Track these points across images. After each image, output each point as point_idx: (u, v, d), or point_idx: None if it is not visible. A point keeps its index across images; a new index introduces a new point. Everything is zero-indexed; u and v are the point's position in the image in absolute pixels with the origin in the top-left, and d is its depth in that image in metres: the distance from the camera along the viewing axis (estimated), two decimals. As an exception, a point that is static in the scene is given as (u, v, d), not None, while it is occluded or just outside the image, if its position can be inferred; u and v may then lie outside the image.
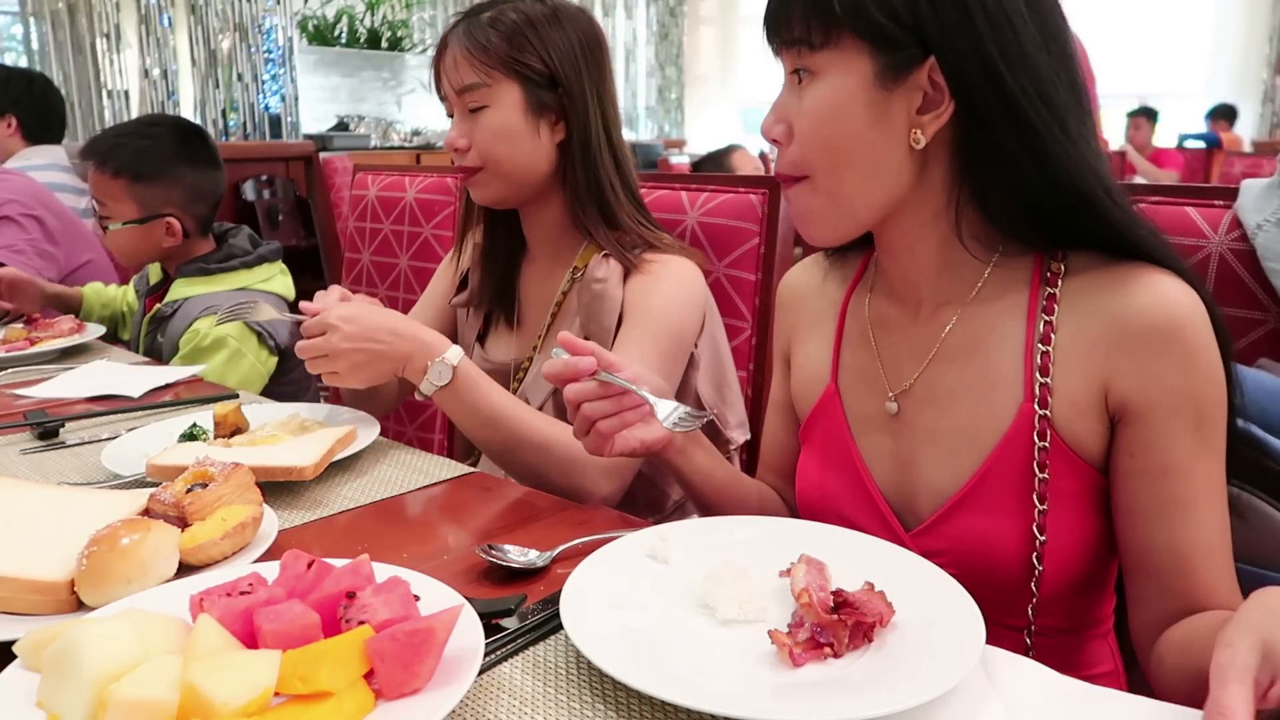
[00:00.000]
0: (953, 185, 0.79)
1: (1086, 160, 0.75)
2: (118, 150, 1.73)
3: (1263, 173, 2.36)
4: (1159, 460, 0.75)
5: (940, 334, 0.84)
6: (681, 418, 0.87)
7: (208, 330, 1.66)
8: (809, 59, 0.78)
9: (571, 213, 1.26)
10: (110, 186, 1.73)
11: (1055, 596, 0.81)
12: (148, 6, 5.32)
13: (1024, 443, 0.78)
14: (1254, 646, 0.52)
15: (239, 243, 1.85)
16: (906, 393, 0.86)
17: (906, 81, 0.75)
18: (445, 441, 1.87)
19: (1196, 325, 0.74)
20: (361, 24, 6.49)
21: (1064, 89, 0.75)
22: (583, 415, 0.88)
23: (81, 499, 0.84)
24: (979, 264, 0.82)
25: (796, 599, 0.67)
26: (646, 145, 6.63)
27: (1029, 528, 0.78)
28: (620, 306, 1.23)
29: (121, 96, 5.32)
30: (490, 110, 1.22)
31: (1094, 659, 0.87)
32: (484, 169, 1.24)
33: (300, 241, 4.35)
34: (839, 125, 0.78)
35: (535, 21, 1.22)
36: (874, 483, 0.88)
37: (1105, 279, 0.77)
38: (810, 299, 0.99)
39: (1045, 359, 0.78)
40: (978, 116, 0.75)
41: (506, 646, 0.66)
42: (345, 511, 0.95)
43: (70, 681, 0.54)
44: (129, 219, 1.74)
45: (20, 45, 5.22)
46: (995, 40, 0.73)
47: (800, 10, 0.78)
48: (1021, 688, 0.60)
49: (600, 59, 1.26)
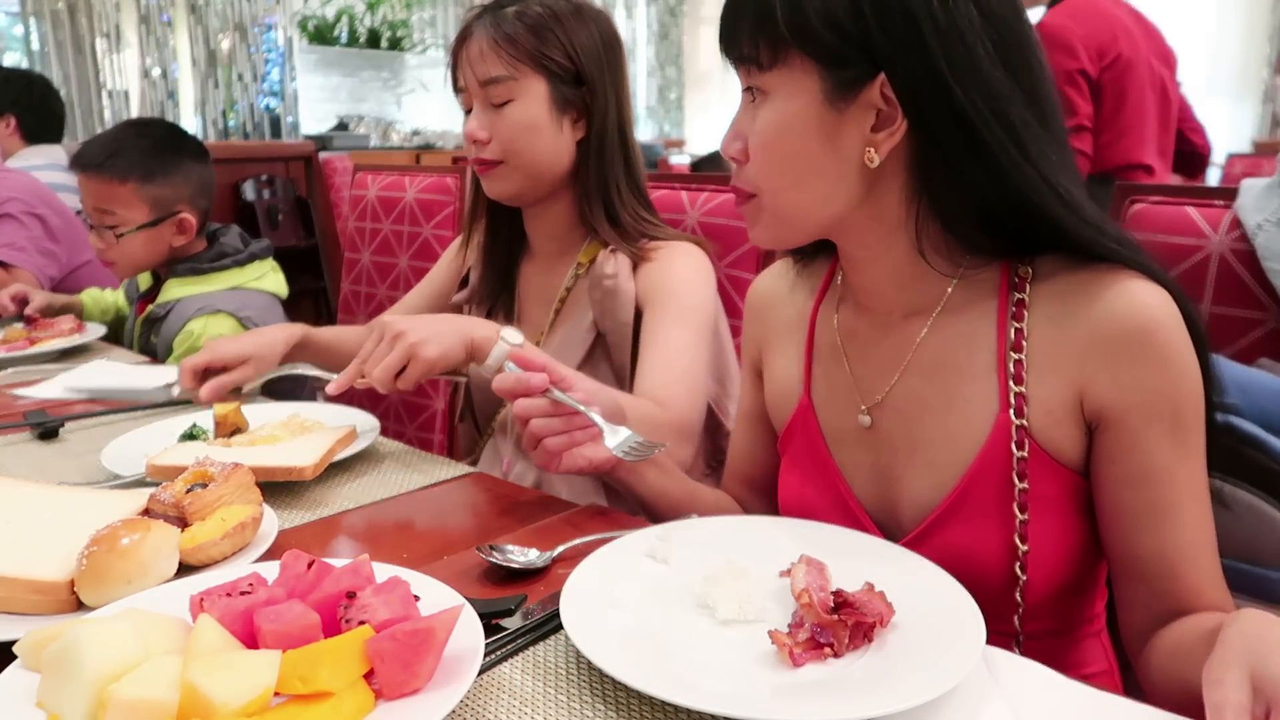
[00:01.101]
0: (910, 200, 0.78)
1: (1045, 176, 0.73)
2: (121, 154, 1.68)
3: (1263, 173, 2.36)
4: (1139, 466, 0.74)
5: (911, 346, 0.83)
6: (633, 447, 0.88)
7: (202, 331, 1.66)
8: (759, 78, 0.77)
9: (579, 210, 1.27)
10: (118, 192, 1.67)
11: (1043, 601, 0.80)
12: (148, 6, 5.32)
13: (1003, 453, 0.78)
14: (1242, 681, 0.52)
15: (230, 241, 1.83)
16: (879, 405, 0.85)
17: (858, 100, 0.74)
18: (445, 441, 1.87)
19: (1169, 327, 0.73)
20: (361, 24, 6.48)
21: (1020, 104, 0.73)
22: (531, 431, 0.89)
23: (81, 499, 0.84)
24: (944, 275, 0.81)
25: (796, 599, 0.67)
26: (646, 145, 6.62)
27: (1012, 537, 0.78)
28: (635, 300, 1.23)
29: (121, 96, 5.32)
30: (516, 104, 1.21)
31: (1087, 659, 0.87)
32: (505, 163, 1.24)
33: (300, 241, 4.35)
34: (790, 147, 0.77)
35: (561, 16, 1.21)
36: (854, 496, 0.87)
37: (1074, 284, 0.76)
38: (779, 309, 0.97)
39: (1018, 367, 0.77)
40: (930, 133, 0.74)
41: (506, 646, 0.66)
42: (345, 511, 0.95)
43: (70, 681, 0.54)
44: (142, 223, 1.70)
45: (20, 45, 5.22)
46: (946, 56, 0.71)
47: (748, 29, 0.77)
48: (1027, 691, 0.60)
49: (619, 58, 1.27)
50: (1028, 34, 0.76)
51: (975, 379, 0.79)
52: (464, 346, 1.03)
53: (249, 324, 1.69)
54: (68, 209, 2.44)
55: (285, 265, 1.93)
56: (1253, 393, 0.86)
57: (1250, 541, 0.85)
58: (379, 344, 1.02)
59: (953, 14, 0.71)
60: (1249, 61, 7.03)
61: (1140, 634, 0.77)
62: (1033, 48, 0.76)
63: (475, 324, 1.05)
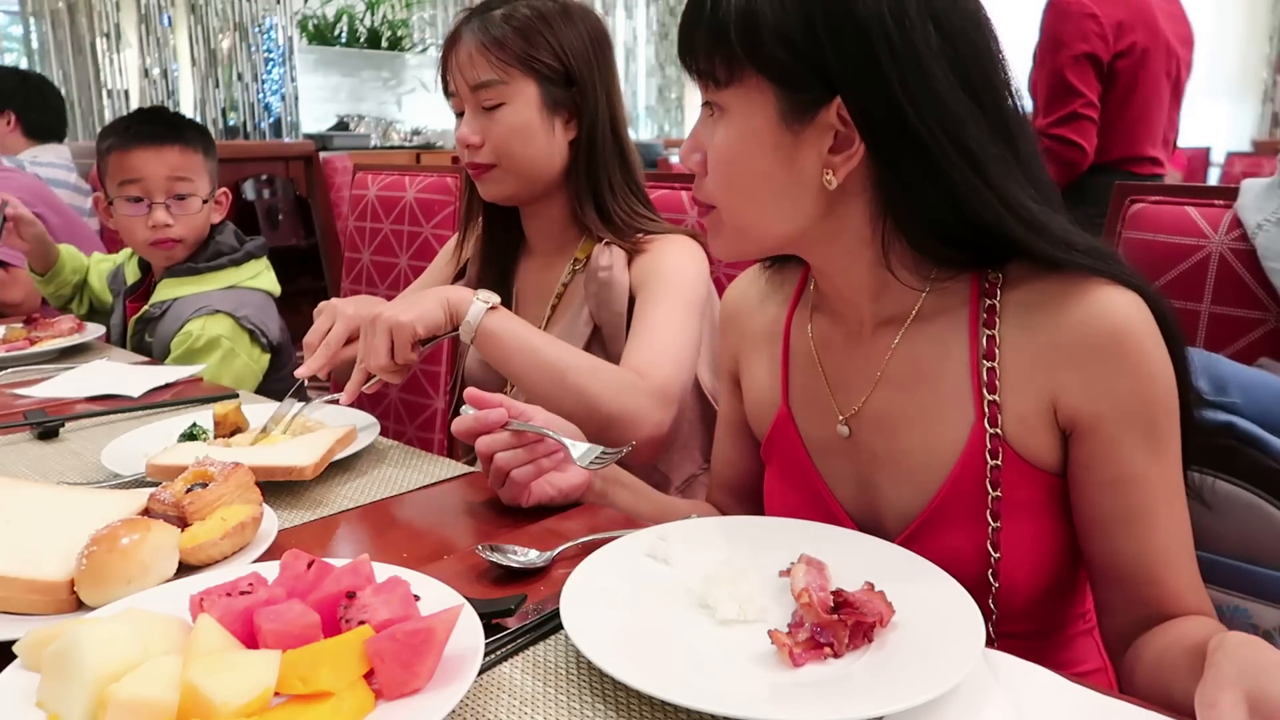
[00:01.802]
0: (875, 218, 0.77)
1: (1005, 200, 0.72)
2: (191, 125, 1.77)
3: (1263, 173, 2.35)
4: (1113, 472, 0.74)
5: (884, 356, 0.82)
6: (597, 457, 0.89)
7: (200, 331, 1.65)
8: (716, 95, 0.76)
9: (573, 209, 1.27)
10: (194, 161, 1.74)
11: (1024, 605, 0.80)
12: (148, 6, 5.32)
13: (980, 462, 0.78)
14: (1238, 702, 0.52)
15: (226, 240, 1.82)
16: (856, 416, 0.85)
17: (815, 122, 0.73)
18: (445, 441, 1.87)
19: (1139, 333, 0.72)
20: (361, 24, 6.49)
21: (981, 125, 0.71)
22: (496, 467, 0.89)
23: (81, 499, 0.84)
24: (914, 288, 0.80)
25: (796, 599, 0.67)
26: (646, 145, 6.62)
27: (985, 545, 0.78)
28: (629, 291, 1.24)
29: (121, 96, 5.32)
30: (507, 108, 1.21)
31: (1080, 657, 0.87)
32: (498, 166, 1.24)
33: (300, 241, 4.36)
34: (745, 166, 0.76)
35: (548, 17, 1.21)
36: (839, 504, 0.87)
37: (1044, 290, 0.75)
38: (752, 318, 0.97)
39: (991, 375, 0.77)
40: (886, 157, 0.73)
41: (506, 646, 0.66)
42: (345, 511, 0.95)
43: (70, 681, 0.54)
44: (206, 195, 1.76)
45: (20, 45, 5.22)
46: (901, 81, 0.69)
47: (703, 45, 0.75)
48: (1027, 692, 0.60)
49: (608, 56, 1.27)
50: (990, 46, 0.74)
51: (950, 388, 0.79)
52: (441, 307, 1.06)
53: (246, 323, 1.68)
54: (68, 208, 2.44)
55: (285, 265, 1.93)
56: (1253, 392, 0.86)
57: (1249, 541, 0.85)
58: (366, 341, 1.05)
59: (909, 35, 0.69)
60: (1249, 61, 7.02)
61: (1120, 637, 0.77)
62: (995, 60, 0.74)
63: (450, 289, 1.09)
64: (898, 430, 0.82)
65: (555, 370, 1.07)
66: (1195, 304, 1.05)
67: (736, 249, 0.84)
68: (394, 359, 1.05)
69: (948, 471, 0.79)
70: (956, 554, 0.77)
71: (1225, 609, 0.87)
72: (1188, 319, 1.04)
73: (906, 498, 0.82)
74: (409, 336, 1.04)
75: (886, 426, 0.83)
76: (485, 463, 0.90)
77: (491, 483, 0.91)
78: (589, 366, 1.08)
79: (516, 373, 1.08)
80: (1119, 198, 1.15)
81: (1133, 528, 0.74)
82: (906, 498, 0.82)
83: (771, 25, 0.71)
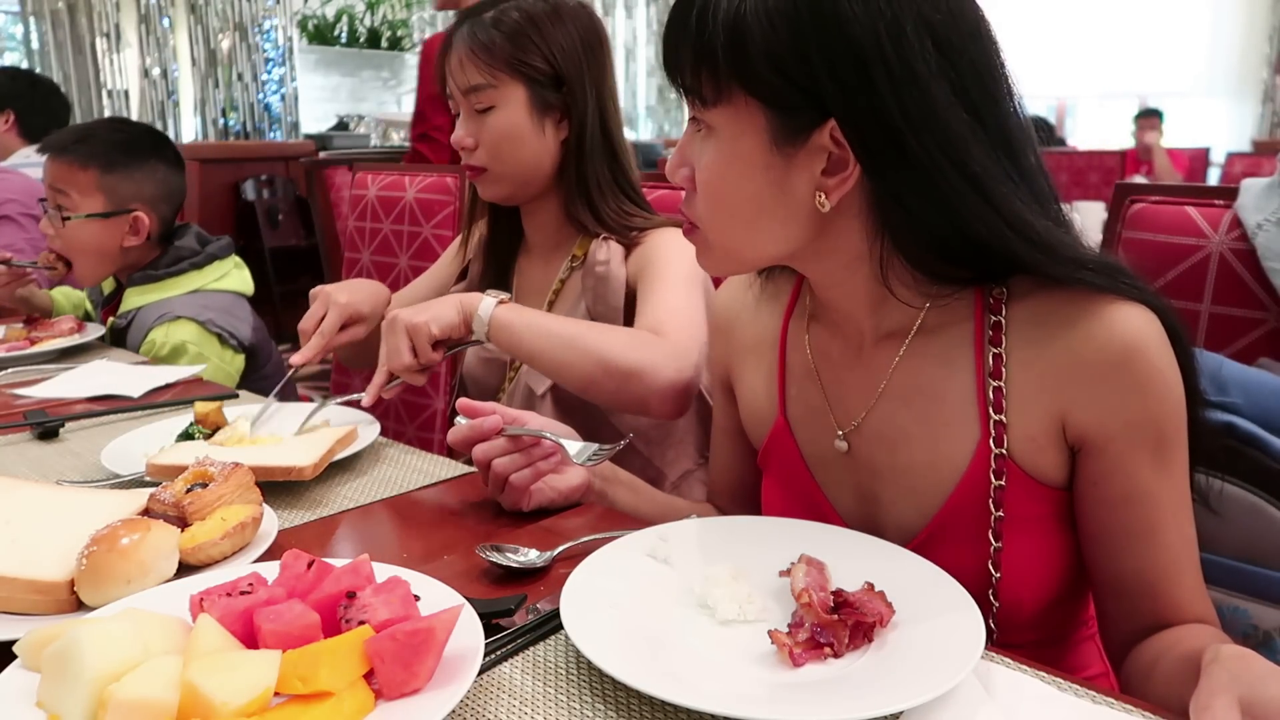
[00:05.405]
0: (872, 236, 0.74)
1: (1009, 219, 0.70)
2: (89, 140, 1.68)
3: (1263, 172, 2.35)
4: (1121, 489, 0.73)
5: (886, 371, 0.80)
6: (594, 454, 0.90)
7: (164, 339, 1.63)
8: (703, 113, 0.73)
9: (566, 208, 1.28)
10: (77, 176, 1.65)
11: (1024, 619, 0.80)
12: (148, 6, 5.32)
13: (984, 481, 0.76)
14: (1231, 706, 0.52)
15: (186, 243, 1.77)
16: (857, 431, 0.83)
17: (808, 144, 0.70)
18: (445, 441, 1.87)
19: (1150, 349, 0.71)
20: (361, 24, 6.49)
21: (983, 143, 0.69)
22: (494, 473, 0.89)
23: (81, 499, 0.84)
24: (913, 306, 0.78)
25: (796, 599, 0.67)
26: (646, 145, 6.62)
27: (986, 564, 0.77)
28: (625, 285, 1.25)
29: (121, 96, 5.32)
30: (497, 111, 1.23)
31: (1085, 662, 0.87)
32: (490, 169, 1.25)
33: (300, 241, 4.36)
34: (734, 188, 0.73)
35: (537, 20, 1.22)
36: (839, 516, 0.86)
37: (1052, 306, 0.74)
38: (744, 325, 0.94)
39: (998, 395, 0.75)
40: (884, 180, 0.70)
41: (506, 646, 0.66)
42: (345, 511, 0.95)
43: (70, 681, 0.54)
44: (94, 211, 1.67)
45: (20, 45, 5.22)
46: (899, 102, 0.66)
47: (689, 61, 0.72)
48: (1025, 701, 0.60)
49: (601, 55, 1.27)
50: (991, 58, 0.71)
51: (954, 405, 0.77)
52: (454, 308, 1.09)
53: (212, 327, 1.65)
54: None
55: (285, 265, 1.92)
56: (1253, 392, 0.86)
57: (1250, 541, 0.85)
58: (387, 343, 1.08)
59: (906, 54, 0.66)
60: (1249, 61, 7.03)
61: (1123, 647, 0.77)
62: (996, 72, 0.71)
63: (460, 295, 1.12)
64: (899, 446, 0.81)
65: (566, 338, 1.09)
66: (1195, 304, 1.05)
67: (725, 267, 0.83)
68: (416, 359, 1.07)
69: (950, 489, 0.78)
70: (957, 573, 0.75)
71: (1226, 610, 0.87)
72: (1188, 319, 1.04)
73: (907, 513, 0.81)
74: (426, 337, 1.06)
75: (888, 442, 0.81)
76: (483, 470, 0.90)
77: (491, 490, 0.91)
78: (600, 328, 1.12)
79: (530, 351, 1.10)
80: (1119, 198, 1.15)
81: (1139, 543, 0.74)
82: (907, 513, 0.81)
83: (760, 45, 0.67)
